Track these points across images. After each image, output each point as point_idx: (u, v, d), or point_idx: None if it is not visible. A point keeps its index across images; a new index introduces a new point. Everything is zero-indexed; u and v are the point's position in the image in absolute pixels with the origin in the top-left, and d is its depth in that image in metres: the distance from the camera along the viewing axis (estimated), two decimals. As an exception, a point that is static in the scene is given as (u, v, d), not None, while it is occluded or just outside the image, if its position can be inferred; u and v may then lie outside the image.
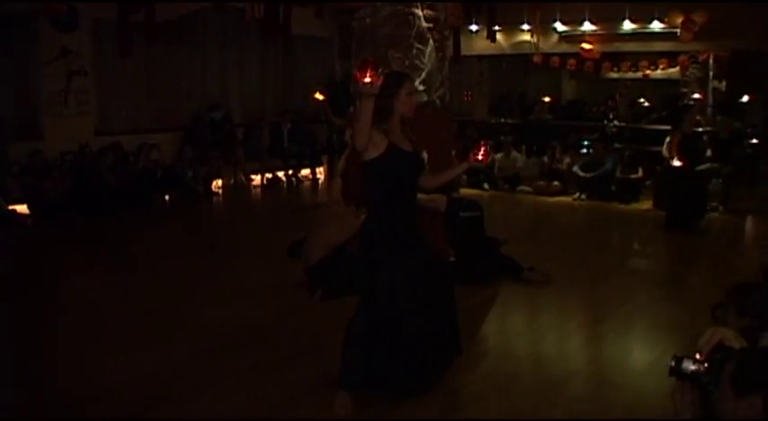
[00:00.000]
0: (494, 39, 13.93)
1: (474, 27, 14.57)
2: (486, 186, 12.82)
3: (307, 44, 15.11)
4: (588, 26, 13.54)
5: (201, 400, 4.30)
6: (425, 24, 7.10)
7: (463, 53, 13.74)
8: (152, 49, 12.02)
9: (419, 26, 7.07)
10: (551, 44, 14.60)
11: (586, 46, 14.06)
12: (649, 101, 17.22)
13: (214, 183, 12.56)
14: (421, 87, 6.89)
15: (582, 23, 13.54)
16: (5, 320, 5.95)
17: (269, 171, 13.70)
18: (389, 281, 4.02)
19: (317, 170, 14.24)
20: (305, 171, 14.12)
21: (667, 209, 9.77)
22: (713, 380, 1.99)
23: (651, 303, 6.44)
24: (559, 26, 14.08)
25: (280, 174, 13.80)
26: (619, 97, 16.63)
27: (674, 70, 15.10)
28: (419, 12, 7.07)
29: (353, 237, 4.68)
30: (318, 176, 14.22)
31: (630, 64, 15.93)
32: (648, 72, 15.68)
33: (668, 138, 10.00)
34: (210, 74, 13.87)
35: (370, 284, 4.07)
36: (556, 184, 12.58)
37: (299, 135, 13.98)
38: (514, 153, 13.41)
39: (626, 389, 4.50)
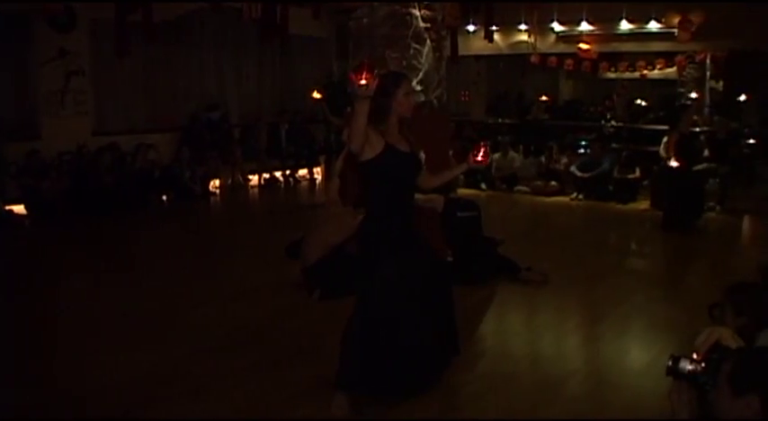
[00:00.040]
0: (491, 39, 13.91)
1: (471, 27, 14.56)
2: (483, 186, 12.82)
3: (304, 44, 15.11)
4: (585, 26, 13.53)
5: (199, 400, 4.30)
6: (423, 24, 7.09)
7: (460, 53, 13.73)
8: (150, 50, 12.02)
9: (416, 26, 7.07)
10: (549, 44, 14.60)
11: (584, 46, 14.06)
12: (647, 101, 17.27)
13: (211, 183, 12.56)
14: (418, 87, 6.88)
15: (579, 23, 13.54)
16: (4, 320, 5.95)
17: (266, 171, 13.70)
18: (387, 281, 4.02)
19: (315, 170, 14.24)
20: (302, 171, 14.14)
21: (664, 209, 9.78)
22: (710, 379, 2.00)
23: (648, 303, 6.44)
24: (557, 26, 14.07)
25: (277, 174, 13.80)
26: (616, 97, 16.65)
27: (672, 70, 15.14)
28: (416, 12, 7.07)
29: (351, 238, 4.68)
30: (316, 176, 14.21)
31: (628, 64, 15.97)
32: (646, 72, 15.72)
33: (665, 138, 10.03)
34: (208, 74, 13.86)
35: (367, 284, 4.08)
36: (553, 184, 12.59)
37: (297, 135, 13.99)
38: (512, 153, 13.42)
39: (623, 388, 4.51)
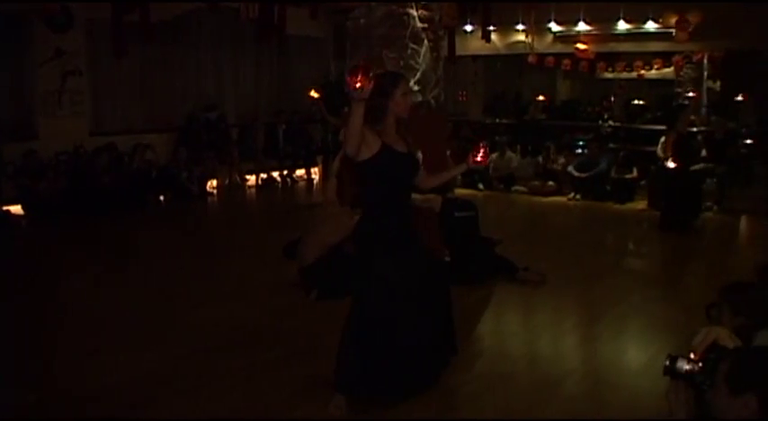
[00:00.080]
0: (488, 39, 13.92)
1: (469, 27, 14.56)
2: (480, 186, 12.83)
3: (301, 44, 15.10)
4: (583, 26, 13.54)
5: (197, 400, 4.31)
6: (420, 24, 7.09)
7: (458, 53, 13.74)
8: (147, 50, 12.01)
9: (414, 26, 7.06)
10: (546, 44, 14.59)
11: (581, 46, 14.06)
12: (644, 101, 17.28)
13: (209, 183, 12.55)
14: (416, 87, 6.88)
15: (576, 23, 13.54)
16: (2, 321, 5.92)
17: (264, 171, 13.69)
18: (383, 281, 4.02)
19: (312, 170, 14.25)
20: (300, 171, 14.13)
21: (662, 209, 9.79)
22: (707, 379, 2.00)
23: (646, 303, 6.45)
24: (554, 26, 14.07)
25: (275, 174, 13.79)
26: (613, 97, 16.66)
27: (669, 70, 15.16)
28: (414, 12, 7.06)
29: (348, 238, 4.68)
30: (313, 177, 14.22)
31: (625, 64, 15.99)
32: (643, 72, 15.73)
33: (663, 138, 10.03)
34: (205, 74, 13.85)
35: (363, 284, 4.08)
36: (550, 184, 12.59)
37: (294, 135, 13.98)
38: (509, 153, 13.42)
39: (621, 388, 4.51)
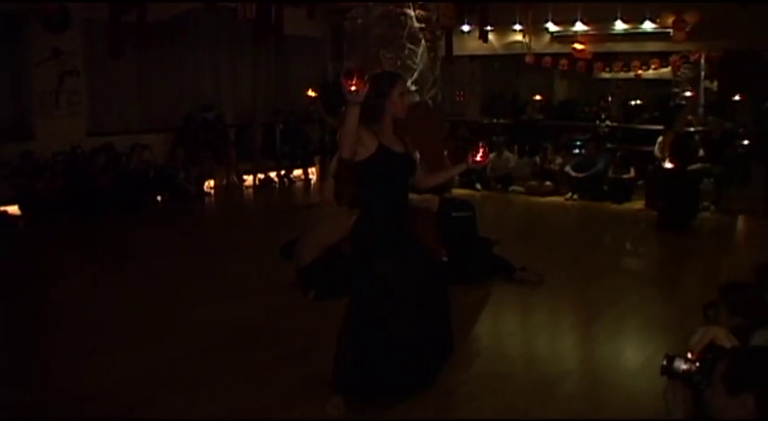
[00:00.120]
0: (486, 39, 13.92)
1: (466, 27, 14.55)
2: (478, 186, 12.83)
3: (299, 44, 15.08)
4: (580, 26, 13.53)
5: (195, 400, 4.30)
6: (417, 24, 7.08)
7: (455, 53, 13.74)
8: (144, 50, 11.97)
9: (411, 26, 7.06)
10: (543, 44, 14.59)
11: (578, 46, 14.06)
12: (641, 101, 17.28)
13: (206, 183, 12.53)
14: (413, 87, 6.88)
15: (574, 24, 13.54)
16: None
17: (261, 171, 13.68)
18: (380, 281, 4.02)
19: (310, 170, 14.23)
20: (297, 171, 14.11)
21: (659, 208, 9.79)
22: (705, 379, 2.00)
23: (643, 303, 6.46)
24: (551, 26, 14.07)
25: (272, 174, 13.78)
26: (611, 97, 16.66)
27: (666, 70, 15.16)
28: (411, 12, 7.06)
29: (346, 238, 4.68)
30: (311, 177, 14.20)
31: (622, 64, 15.98)
32: (640, 72, 15.73)
33: (660, 138, 10.03)
34: (202, 74, 13.83)
35: (360, 285, 4.07)
36: (548, 184, 12.60)
37: (292, 135, 13.96)
38: (507, 153, 13.42)
39: (618, 388, 4.51)
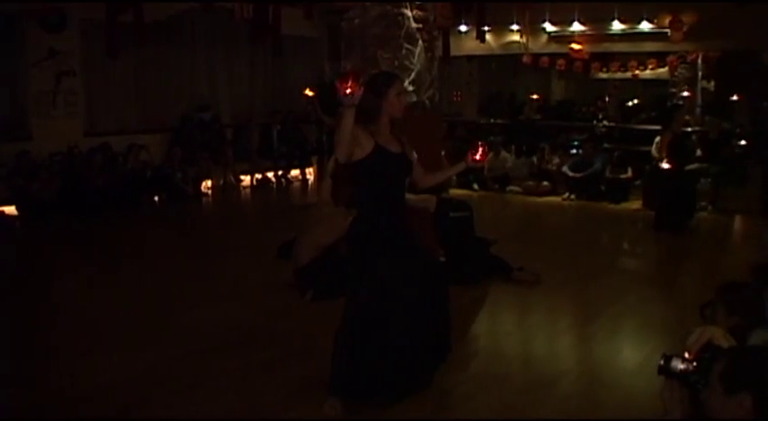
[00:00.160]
0: (483, 39, 13.90)
1: (463, 27, 14.54)
2: (475, 186, 12.83)
3: (296, 45, 15.06)
4: (577, 26, 13.53)
5: (192, 401, 4.30)
6: (415, 25, 7.10)
7: (452, 53, 13.71)
8: (141, 50, 11.96)
9: (408, 26, 7.07)
10: (541, 44, 14.60)
11: (576, 46, 14.07)
12: (639, 101, 17.32)
13: (203, 183, 12.52)
14: (410, 88, 6.89)
15: (571, 24, 13.54)
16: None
17: (258, 172, 13.68)
18: (377, 281, 4.01)
19: (307, 171, 14.22)
20: (294, 172, 14.09)
21: (656, 208, 9.79)
22: (702, 378, 2.00)
23: (640, 303, 6.45)
24: (549, 26, 14.07)
25: (269, 174, 13.78)
26: (608, 97, 16.67)
27: (663, 70, 15.18)
28: (408, 12, 7.07)
29: (343, 238, 4.67)
30: (308, 177, 14.19)
31: (619, 64, 16.00)
32: (637, 72, 15.75)
33: (658, 138, 10.04)
34: (199, 74, 13.83)
35: (357, 285, 4.07)
36: (545, 184, 12.60)
37: (289, 135, 13.95)
38: (504, 153, 13.41)
39: (616, 388, 4.51)
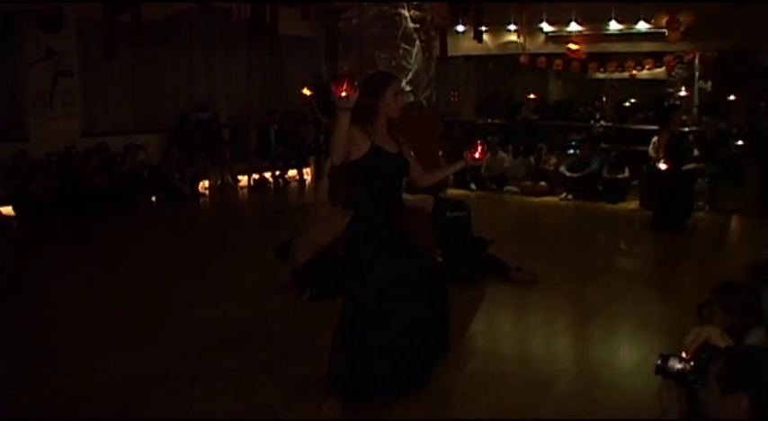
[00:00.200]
0: (480, 39, 13.92)
1: (460, 27, 14.54)
2: (472, 186, 12.83)
3: (293, 45, 15.07)
4: (575, 26, 13.54)
5: (190, 401, 4.29)
6: (412, 25, 7.09)
7: (450, 54, 13.73)
8: (138, 50, 11.95)
9: (406, 27, 7.06)
10: (538, 44, 14.60)
11: (573, 46, 14.08)
12: (636, 100, 17.33)
13: (201, 183, 12.52)
14: (407, 88, 6.88)
15: (568, 24, 13.55)
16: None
17: (256, 172, 13.68)
18: (375, 281, 4.01)
19: (304, 171, 14.21)
20: (292, 172, 14.10)
21: (654, 208, 9.80)
22: (699, 378, 2.00)
23: (638, 303, 6.46)
24: (546, 26, 14.08)
25: (267, 174, 13.78)
26: (605, 97, 16.68)
27: (661, 70, 15.19)
28: (406, 12, 7.06)
29: (340, 238, 4.67)
30: (305, 177, 14.19)
31: (617, 64, 16.02)
32: (635, 72, 15.77)
33: (655, 138, 10.05)
34: (197, 74, 13.80)
35: (354, 285, 4.07)
36: (542, 184, 12.61)
37: (286, 136, 13.94)
38: (501, 153, 13.41)
39: (613, 388, 4.51)
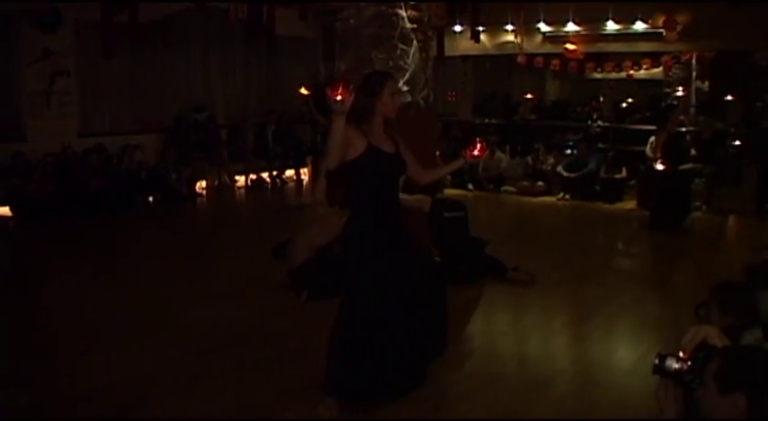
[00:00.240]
0: (478, 39, 13.92)
1: (458, 27, 14.55)
2: (470, 186, 12.84)
3: (291, 45, 15.04)
4: (572, 27, 13.55)
5: (189, 401, 4.30)
6: (409, 25, 7.10)
7: (447, 54, 13.73)
8: (135, 50, 11.94)
9: (403, 27, 7.07)
10: (535, 44, 14.61)
11: (570, 46, 14.09)
12: (633, 101, 17.33)
13: (198, 184, 12.51)
14: (405, 88, 6.89)
15: (566, 24, 13.56)
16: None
17: (253, 172, 13.68)
18: (371, 281, 4.01)
19: (302, 171, 14.22)
20: (289, 172, 14.10)
21: (651, 208, 9.81)
22: (696, 378, 2.00)
23: (635, 302, 6.46)
24: (543, 26, 14.08)
25: (264, 174, 13.77)
26: (602, 97, 16.68)
27: (658, 70, 15.20)
28: (403, 12, 7.07)
29: (337, 238, 4.68)
30: (303, 177, 14.19)
31: (614, 64, 16.03)
32: (632, 72, 15.77)
33: (652, 138, 10.05)
34: (194, 75, 13.79)
35: (351, 285, 4.07)
36: (540, 185, 12.61)
37: (284, 136, 13.93)
38: (499, 153, 13.41)
39: (611, 387, 4.52)
